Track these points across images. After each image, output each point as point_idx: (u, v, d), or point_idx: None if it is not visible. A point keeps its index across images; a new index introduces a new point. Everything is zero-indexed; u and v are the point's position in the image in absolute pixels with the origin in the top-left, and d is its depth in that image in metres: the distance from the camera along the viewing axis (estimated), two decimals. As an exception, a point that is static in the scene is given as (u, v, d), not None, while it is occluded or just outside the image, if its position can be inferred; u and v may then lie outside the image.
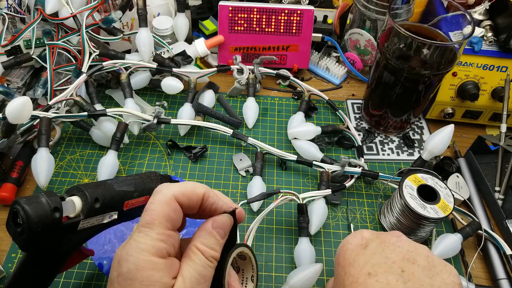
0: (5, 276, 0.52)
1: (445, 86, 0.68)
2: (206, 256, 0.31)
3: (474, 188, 0.63)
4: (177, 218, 0.32)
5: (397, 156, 0.69)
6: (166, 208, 0.31)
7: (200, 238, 0.32)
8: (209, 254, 0.32)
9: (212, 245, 0.32)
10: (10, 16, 0.71)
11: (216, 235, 0.33)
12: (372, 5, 0.71)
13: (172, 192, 0.32)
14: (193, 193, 0.33)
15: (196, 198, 0.33)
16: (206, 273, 0.31)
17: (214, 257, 0.32)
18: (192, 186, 0.33)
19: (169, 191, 0.32)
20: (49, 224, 0.35)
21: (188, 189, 0.33)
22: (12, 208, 0.36)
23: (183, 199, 0.32)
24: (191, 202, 0.33)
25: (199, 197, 0.33)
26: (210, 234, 0.33)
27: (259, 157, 0.64)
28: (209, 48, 0.75)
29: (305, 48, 0.77)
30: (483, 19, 0.70)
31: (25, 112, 0.52)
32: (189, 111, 0.68)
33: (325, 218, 0.57)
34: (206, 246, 0.32)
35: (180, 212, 0.32)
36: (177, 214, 0.32)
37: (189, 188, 0.33)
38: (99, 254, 0.54)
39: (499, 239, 0.55)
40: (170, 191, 0.32)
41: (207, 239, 0.32)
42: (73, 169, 0.64)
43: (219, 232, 0.33)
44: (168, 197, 0.31)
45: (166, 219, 0.31)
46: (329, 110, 0.75)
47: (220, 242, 0.33)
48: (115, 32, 0.70)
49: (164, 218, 0.31)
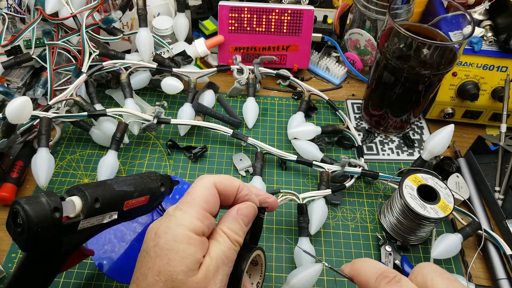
0: (5, 276, 0.52)
1: (445, 86, 0.68)
2: (231, 239, 0.34)
3: (474, 188, 0.63)
4: (214, 202, 0.35)
5: (397, 156, 0.69)
6: (206, 191, 0.34)
7: (226, 222, 0.35)
8: (234, 237, 0.34)
9: (236, 229, 0.35)
10: (10, 16, 0.71)
11: (240, 221, 0.35)
12: (372, 5, 0.71)
13: (213, 179, 0.36)
14: (230, 183, 0.36)
15: (232, 188, 0.36)
16: (229, 255, 0.34)
17: (238, 241, 0.35)
18: (230, 178, 0.37)
19: (210, 178, 0.36)
20: (49, 224, 0.35)
21: (226, 179, 0.36)
22: (12, 208, 0.36)
23: (221, 187, 0.36)
24: (227, 191, 0.36)
25: (235, 188, 0.36)
26: (235, 219, 0.35)
27: (259, 157, 0.64)
28: (209, 48, 0.75)
29: (305, 48, 0.77)
30: (483, 19, 0.70)
31: (25, 112, 0.52)
32: (189, 111, 0.68)
33: (325, 218, 0.57)
34: (231, 230, 0.35)
35: (217, 198, 0.35)
36: (214, 199, 0.35)
37: (227, 178, 0.37)
38: (99, 254, 0.54)
39: (499, 239, 0.55)
40: (211, 178, 0.36)
41: (232, 223, 0.35)
42: (73, 169, 0.64)
43: (243, 219, 0.36)
44: (209, 182, 0.35)
45: (205, 201, 0.34)
46: (329, 110, 0.75)
47: (243, 228, 0.36)
48: (115, 32, 0.70)
49: (203, 200, 0.34)
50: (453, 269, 0.56)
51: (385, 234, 0.58)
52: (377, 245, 0.58)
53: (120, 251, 0.55)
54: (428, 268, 0.29)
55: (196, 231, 0.32)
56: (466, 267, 0.56)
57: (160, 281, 0.31)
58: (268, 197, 0.41)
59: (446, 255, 0.53)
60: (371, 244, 0.58)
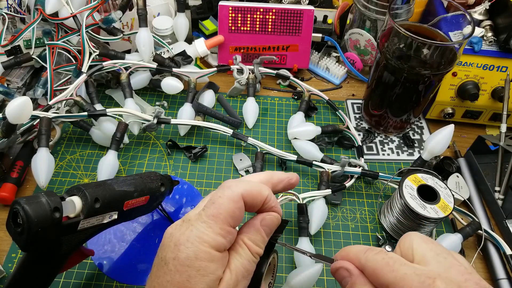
0: (5, 276, 0.52)
1: (445, 86, 0.68)
2: (252, 251, 0.33)
3: (474, 188, 0.63)
4: (240, 216, 0.33)
5: (397, 156, 0.69)
6: (232, 205, 0.32)
7: (248, 234, 0.34)
8: (255, 250, 0.33)
9: (258, 241, 0.34)
10: (10, 16, 0.71)
11: (263, 233, 0.34)
12: (372, 5, 0.71)
13: (241, 190, 0.33)
14: (259, 193, 0.34)
15: (260, 198, 0.34)
16: (249, 268, 0.33)
17: (259, 253, 0.34)
18: (259, 188, 0.34)
19: (238, 188, 0.33)
20: (49, 224, 0.35)
21: (255, 190, 0.34)
22: (12, 208, 0.36)
23: (249, 199, 0.33)
24: (255, 203, 0.34)
25: (263, 198, 0.34)
26: (258, 231, 0.34)
27: (259, 157, 0.64)
28: (209, 48, 0.75)
29: (305, 48, 0.77)
30: (483, 19, 0.70)
31: (25, 112, 0.52)
32: (189, 111, 0.68)
33: (325, 218, 0.57)
34: (252, 242, 0.33)
35: (243, 211, 0.33)
36: (241, 212, 0.33)
37: (256, 189, 0.34)
38: (99, 254, 0.54)
39: (499, 239, 0.55)
40: (239, 189, 0.33)
41: (254, 235, 0.34)
42: (73, 169, 0.64)
43: (265, 231, 0.34)
44: (236, 194, 0.32)
45: (230, 215, 0.32)
46: (329, 110, 0.75)
47: (265, 240, 0.34)
48: (115, 32, 0.70)
49: (229, 215, 0.32)
50: (453, 269, 0.56)
51: (385, 234, 0.58)
52: (377, 245, 0.58)
53: (120, 251, 0.55)
54: (413, 235, 0.31)
55: (219, 248, 0.31)
56: (466, 267, 0.56)
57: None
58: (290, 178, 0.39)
59: (446, 255, 0.53)
60: (371, 244, 0.58)
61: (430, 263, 0.28)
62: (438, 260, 0.28)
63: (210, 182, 0.63)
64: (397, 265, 0.28)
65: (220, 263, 0.31)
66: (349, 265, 0.31)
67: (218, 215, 0.31)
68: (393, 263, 0.28)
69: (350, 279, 0.31)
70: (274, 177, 0.38)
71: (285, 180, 0.39)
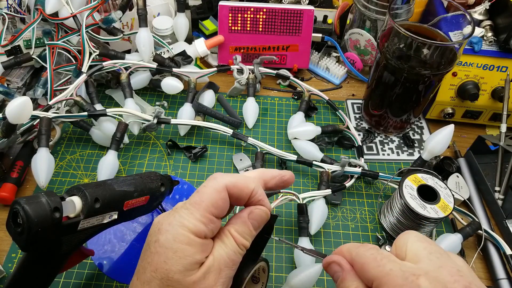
0: (5, 276, 0.52)
1: (445, 86, 0.68)
2: (238, 242, 0.33)
3: (474, 188, 0.63)
4: (223, 207, 0.33)
5: (397, 156, 0.69)
6: (215, 194, 0.33)
7: (234, 225, 0.34)
8: (240, 241, 0.33)
9: (245, 233, 0.34)
10: (10, 16, 0.71)
11: (250, 226, 0.34)
12: (372, 5, 0.71)
13: (225, 181, 0.33)
14: (245, 186, 0.34)
15: (246, 191, 0.34)
16: (234, 258, 0.33)
17: (245, 245, 0.34)
18: (245, 180, 0.35)
19: (223, 179, 0.33)
20: (49, 224, 0.35)
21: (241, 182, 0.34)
22: (12, 208, 0.36)
23: (234, 190, 0.34)
24: (241, 195, 0.34)
25: (249, 191, 0.34)
26: (245, 223, 0.34)
27: (259, 157, 0.64)
28: (209, 48, 0.75)
29: (305, 48, 0.77)
30: (483, 19, 0.70)
31: (25, 112, 0.52)
32: (189, 111, 0.68)
33: (325, 218, 0.57)
34: (238, 233, 0.33)
35: (227, 202, 0.34)
36: (224, 203, 0.33)
37: (242, 182, 0.34)
38: (99, 254, 0.54)
39: (499, 239, 0.55)
40: (224, 180, 0.33)
41: (240, 227, 0.34)
42: (73, 169, 0.64)
43: (253, 224, 0.34)
44: (220, 185, 0.33)
45: (213, 205, 0.32)
46: (329, 110, 0.75)
47: (252, 233, 0.34)
48: (115, 32, 0.70)
49: (211, 203, 0.32)
50: (453, 269, 0.56)
51: (385, 234, 0.58)
52: (377, 245, 0.58)
53: (120, 251, 0.55)
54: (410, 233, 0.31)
55: (198, 234, 0.31)
56: (466, 267, 0.56)
57: (156, 278, 0.31)
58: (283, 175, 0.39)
59: (446, 255, 0.53)
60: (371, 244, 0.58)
61: (421, 261, 0.28)
62: (430, 259, 0.28)
63: (210, 182, 0.63)
64: (384, 261, 0.28)
65: (199, 248, 0.31)
66: (341, 260, 0.32)
67: (200, 202, 0.32)
68: (381, 259, 0.29)
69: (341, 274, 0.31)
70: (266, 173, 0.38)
71: (278, 177, 0.39)
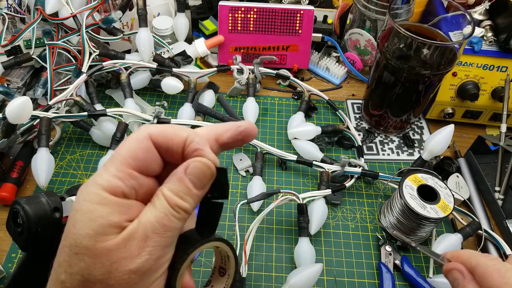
0: (5, 276, 0.52)
1: (445, 86, 0.68)
2: (171, 203, 0.26)
3: (474, 188, 0.63)
4: (147, 158, 0.27)
5: (397, 156, 0.69)
6: (135, 145, 0.27)
7: (168, 183, 0.27)
8: (175, 202, 0.26)
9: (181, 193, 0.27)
10: (10, 16, 0.71)
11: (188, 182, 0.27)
12: (372, 5, 0.71)
13: (149, 131, 0.27)
14: (174, 133, 0.28)
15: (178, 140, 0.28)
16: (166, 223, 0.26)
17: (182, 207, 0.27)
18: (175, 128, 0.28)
19: (146, 129, 0.27)
20: (49, 224, 0.35)
21: (170, 129, 0.28)
22: (12, 208, 0.36)
23: (161, 139, 0.27)
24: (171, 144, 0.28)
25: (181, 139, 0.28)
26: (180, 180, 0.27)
27: (259, 157, 0.64)
28: (209, 48, 0.75)
29: (305, 48, 0.77)
30: (483, 19, 0.70)
31: (25, 112, 0.52)
32: (189, 111, 0.68)
33: (325, 218, 0.57)
34: (172, 193, 0.27)
35: (152, 152, 0.28)
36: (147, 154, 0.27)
37: (170, 129, 0.28)
38: (99, 254, 0.54)
39: (499, 239, 0.55)
40: (148, 129, 0.28)
41: (175, 185, 0.27)
42: (73, 169, 0.64)
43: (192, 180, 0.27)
44: (142, 135, 0.27)
45: (130, 156, 0.27)
46: (329, 110, 0.75)
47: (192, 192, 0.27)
48: (115, 32, 0.70)
49: (129, 156, 0.27)
50: (453, 269, 0.56)
51: (385, 234, 0.58)
52: (377, 245, 0.58)
53: (120, 251, 0.54)
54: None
55: (113, 191, 0.26)
56: (466, 267, 0.56)
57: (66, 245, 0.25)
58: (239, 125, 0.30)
59: (446, 255, 0.53)
60: (371, 244, 0.58)
61: None
62: None
63: (210, 182, 0.63)
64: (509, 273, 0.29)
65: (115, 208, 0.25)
66: (462, 268, 0.32)
67: (117, 156, 0.26)
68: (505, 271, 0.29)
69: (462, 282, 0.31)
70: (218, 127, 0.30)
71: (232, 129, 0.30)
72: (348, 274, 0.55)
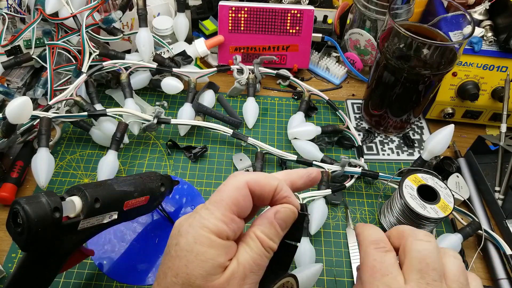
0: (5, 276, 0.52)
1: (445, 86, 0.68)
2: (264, 245, 0.31)
3: (474, 188, 0.63)
4: (245, 205, 0.32)
5: (397, 156, 0.69)
6: (236, 192, 0.31)
7: (260, 225, 0.32)
8: (267, 244, 0.31)
9: (272, 235, 0.32)
10: (10, 16, 0.71)
11: (277, 226, 0.32)
12: (372, 5, 0.71)
13: (246, 178, 0.32)
14: (267, 182, 0.32)
15: (269, 188, 0.32)
16: (260, 262, 0.31)
17: (272, 248, 0.32)
18: (267, 177, 0.33)
19: (243, 177, 0.32)
20: (49, 224, 0.35)
21: (263, 179, 0.32)
22: (12, 208, 0.36)
23: (256, 187, 0.32)
24: (264, 192, 0.32)
25: (272, 188, 0.32)
26: (271, 224, 0.32)
27: (259, 157, 0.64)
28: (209, 48, 0.75)
29: (305, 48, 0.77)
30: (483, 19, 0.70)
31: (25, 112, 0.52)
32: (189, 111, 0.68)
33: (325, 218, 0.57)
34: (265, 235, 0.31)
35: (249, 199, 0.32)
36: (245, 201, 0.31)
37: (263, 179, 0.32)
38: (99, 254, 0.54)
39: (499, 239, 0.55)
40: (245, 177, 0.32)
41: (267, 228, 0.32)
42: (73, 169, 0.64)
43: (280, 224, 0.32)
44: (241, 182, 0.31)
45: (233, 202, 0.31)
46: (329, 110, 0.75)
47: (279, 234, 0.32)
48: (115, 32, 0.70)
49: (232, 202, 0.31)
50: (453, 269, 0.56)
51: (385, 234, 0.58)
52: (377, 245, 0.58)
53: (120, 251, 0.55)
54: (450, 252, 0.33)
55: (220, 235, 0.30)
56: (466, 267, 0.56)
57: (178, 283, 0.29)
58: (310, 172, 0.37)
59: (446, 255, 0.53)
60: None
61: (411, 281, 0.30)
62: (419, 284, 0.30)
63: (210, 182, 0.63)
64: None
65: (222, 250, 0.29)
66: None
67: (220, 201, 0.30)
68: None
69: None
70: (292, 173, 0.36)
71: (305, 176, 0.36)
72: (348, 274, 0.55)
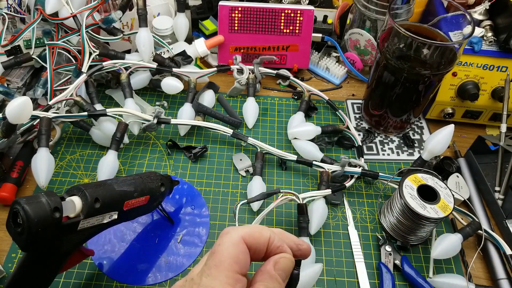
0: (5, 276, 0.52)
1: (445, 86, 0.68)
2: None
3: (474, 188, 0.63)
4: (246, 260, 0.31)
5: (397, 156, 0.69)
6: (234, 249, 0.30)
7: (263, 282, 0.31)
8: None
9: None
10: (10, 16, 0.71)
11: (279, 278, 0.32)
12: (372, 5, 0.71)
13: (240, 233, 0.31)
14: (260, 235, 0.32)
15: (263, 240, 0.32)
16: None
17: None
18: (259, 228, 0.33)
19: (237, 232, 0.31)
20: (49, 224, 0.35)
21: (256, 231, 0.32)
22: (12, 208, 0.36)
23: (251, 241, 0.31)
24: (258, 245, 0.32)
25: (265, 239, 0.32)
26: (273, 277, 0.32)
27: (259, 157, 0.64)
28: (209, 48, 0.75)
29: (305, 48, 0.77)
30: (483, 19, 0.70)
31: (25, 112, 0.52)
32: (189, 111, 0.68)
33: (325, 218, 0.57)
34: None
35: (248, 254, 0.31)
36: (245, 257, 0.31)
37: (255, 229, 0.32)
38: (99, 254, 0.54)
39: (499, 239, 0.55)
40: (239, 232, 0.31)
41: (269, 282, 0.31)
42: (73, 169, 0.64)
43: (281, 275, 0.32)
44: (236, 238, 0.31)
45: (235, 261, 0.30)
46: (329, 110, 0.75)
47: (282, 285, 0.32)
48: (115, 32, 0.70)
49: (233, 260, 0.30)
50: (453, 269, 0.56)
51: (385, 234, 0.58)
52: (377, 245, 0.58)
53: (120, 251, 0.55)
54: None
55: None
56: (466, 267, 0.56)
57: None
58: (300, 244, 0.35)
59: (446, 255, 0.53)
60: (371, 244, 0.58)
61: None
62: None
63: (210, 182, 0.63)
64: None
65: None
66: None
67: (221, 263, 0.29)
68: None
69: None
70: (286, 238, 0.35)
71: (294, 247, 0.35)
72: (348, 274, 0.55)
